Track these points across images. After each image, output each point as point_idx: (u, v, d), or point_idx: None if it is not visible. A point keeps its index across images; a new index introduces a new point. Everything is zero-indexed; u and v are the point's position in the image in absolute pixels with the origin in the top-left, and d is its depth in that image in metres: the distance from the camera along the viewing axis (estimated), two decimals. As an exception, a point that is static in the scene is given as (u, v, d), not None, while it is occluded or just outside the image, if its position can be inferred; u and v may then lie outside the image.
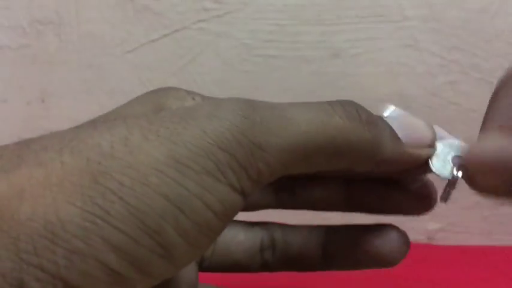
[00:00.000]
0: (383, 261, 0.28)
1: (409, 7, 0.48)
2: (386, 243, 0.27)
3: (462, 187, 0.25)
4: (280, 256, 0.30)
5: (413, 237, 0.26)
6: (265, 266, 0.30)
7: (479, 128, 0.25)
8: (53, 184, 0.18)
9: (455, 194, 0.25)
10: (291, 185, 0.29)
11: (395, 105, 0.51)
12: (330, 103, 0.23)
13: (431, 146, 0.25)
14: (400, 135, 0.25)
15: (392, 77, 0.50)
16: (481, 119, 0.26)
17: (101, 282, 0.18)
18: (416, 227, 0.51)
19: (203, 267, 0.29)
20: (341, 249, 0.28)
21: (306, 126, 0.21)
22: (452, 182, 0.24)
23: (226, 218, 0.20)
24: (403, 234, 0.28)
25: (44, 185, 0.18)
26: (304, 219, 0.30)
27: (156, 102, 0.24)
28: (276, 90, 0.50)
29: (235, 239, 0.30)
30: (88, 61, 0.51)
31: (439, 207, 0.26)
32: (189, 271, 0.27)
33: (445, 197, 0.24)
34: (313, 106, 0.22)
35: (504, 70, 0.25)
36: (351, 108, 0.23)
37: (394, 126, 0.25)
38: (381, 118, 0.24)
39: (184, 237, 0.19)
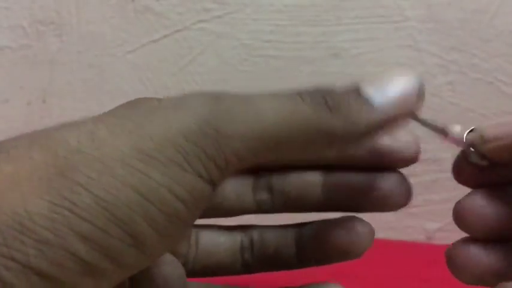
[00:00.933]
0: (349, 254, 0.28)
1: (408, 8, 0.48)
2: (351, 235, 0.28)
3: (461, 187, 0.25)
4: (258, 256, 0.30)
5: (412, 236, 0.26)
6: (246, 267, 0.30)
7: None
8: (22, 178, 0.18)
9: (454, 193, 0.25)
10: (268, 184, 0.29)
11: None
12: (298, 92, 0.23)
13: (415, 98, 0.26)
14: (378, 99, 0.24)
15: (392, 77, 0.50)
16: (480, 119, 0.26)
17: (72, 271, 0.18)
18: (415, 227, 0.51)
19: (186, 270, 0.29)
20: (311, 245, 0.29)
21: (272, 114, 0.21)
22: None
23: (195, 207, 0.21)
24: (366, 224, 0.28)
25: (13, 180, 0.18)
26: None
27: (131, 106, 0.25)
28: (276, 91, 0.50)
29: (216, 241, 0.30)
30: (89, 61, 0.51)
31: (438, 207, 0.26)
32: (176, 269, 0.27)
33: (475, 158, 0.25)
34: (281, 95, 0.23)
35: (503, 70, 0.25)
36: (318, 95, 0.23)
37: (372, 92, 0.24)
38: (349, 95, 0.24)
39: (153, 227, 0.19)
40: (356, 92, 0.24)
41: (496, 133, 0.23)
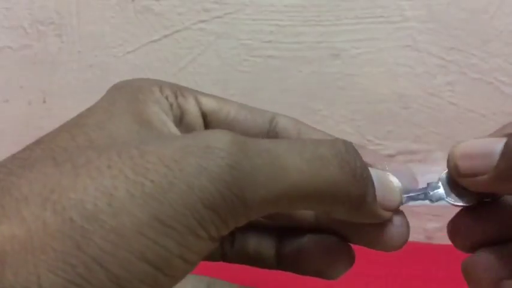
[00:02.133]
0: (324, 274, 0.28)
1: (408, 8, 0.48)
2: (328, 255, 0.28)
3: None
4: (238, 250, 0.29)
5: (412, 236, 0.26)
6: (224, 256, 0.30)
7: (477, 128, 0.26)
8: (35, 248, 0.18)
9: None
10: (232, 233, 0.29)
11: (395, 105, 0.52)
12: (330, 148, 0.22)
13: (397, 210, 0.25)
14: (377, 194, 0.24)
15: (392, 77, 0.50)
16: (479, 119, 0.26)
17: None
18: (415, 226, 0.51)
19: None
20: (289, 255, 0.28)
21: (297, 177, 0.21)
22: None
23: (199, 262, 0.21)
24: (346, 247, 0.28)
25: (26, 249, 0.18)
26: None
27: (136, 112, 0.24)
28: (275, 91, 0.50)
29: None
30: (89, 61, 0.51)
31: (438, 207, 0.26)
32: None
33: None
34: (310, 151, 0.22)
35: (503, 70, 0.25)
36: (350, 159, 0.22)
37: (375, 184, 0.24)
38: (370, 174, 0.24)
39: (160, 286, 0.19)
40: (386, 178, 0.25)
41: (470, 167, 0.23)
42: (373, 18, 0.49)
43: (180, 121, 0.26)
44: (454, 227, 0.26)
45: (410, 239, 0.28)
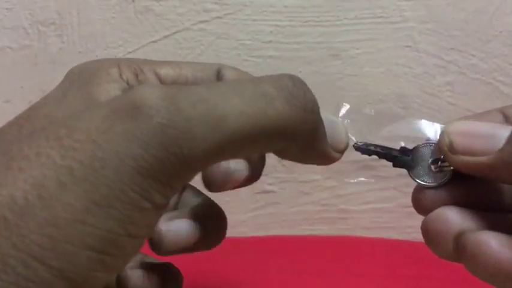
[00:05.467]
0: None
1: (407, 8, 0.49)
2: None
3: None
4: None
5: (412, 236, 0.27)
6: None
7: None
8: None
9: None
10: None
11: (394, 105, 0.52)
12: (274, 84, 0.20)
13: (343, 151, 0.24)
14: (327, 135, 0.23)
15: (391, 78, 0.50)
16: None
17: None
18: (414, 227, 0.51)
19: None
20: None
21: (239, 121, 0.19)
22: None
23: (151, 231, 0.20)
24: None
25: None
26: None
27: (86, 95, 0.23)
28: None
29: None
30: (89, 62, 0.51)
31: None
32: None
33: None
34: (250, 90, 0.20)
35: (502, 71, 0.25)
36: (299, 93, 0.20)
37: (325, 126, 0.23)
38: (319, 111, 0.22)
39: (110, 272, 0.19)
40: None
41: (468, 145, 0.23)
42: (373, 19, 0.49)
43: None
44: (418, 193, 0.25)
45: (410, 239, 0.28)
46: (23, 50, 0.51)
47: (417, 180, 0.25)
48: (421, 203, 0.25)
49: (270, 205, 0.54)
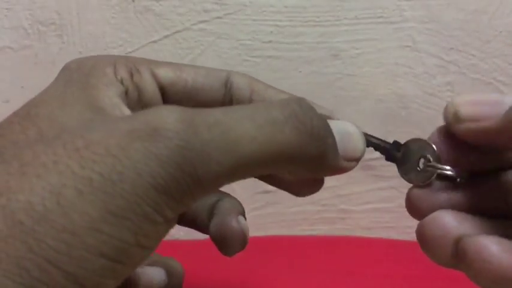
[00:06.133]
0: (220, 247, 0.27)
1: (408, 8, 0.49)
2: (225, 233, 0.27)
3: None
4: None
5: (412, 236, 0.26)
6: None
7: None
8: None
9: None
10: None
11: (394, 105, 0.52)
12: (283, 110, 0.21)
13: (359, 159, 0.25)
14: (338, 146, 0.23)
15: (391, 78, 0.50)
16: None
17: None
18: (414, 227, 0.51)
19: None
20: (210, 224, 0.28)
21: (250, 146, 0.20)
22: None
23: (159, 243, 0.20)
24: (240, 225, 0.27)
25: None
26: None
27: (89, 99, 0.23)
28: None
29: None
30: (89, 62, 0.51)
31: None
32: None
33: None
34: (262, 117, 0.21)
35: (502, 71, 0.25)
36: (306, 119, 0.21)
37: (336, 137, 0.23)
38: (329, 129, 0.23)
39: (118, 279, 0.19)
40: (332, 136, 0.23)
41: (473, 112, 0.23)
42: (373, 19, 0.49)
43: (138, 101, 0.26)
44: (412, 195, 0.25)
45: (410, 239, 0.28)
46: (23, 50, 0.51)
47: (404, 177, 0.25)
48: (415, 206, 0.25)
49: (269, 205, 0.54)
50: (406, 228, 0.51)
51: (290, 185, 0.28)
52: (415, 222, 0.25)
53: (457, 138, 0.24)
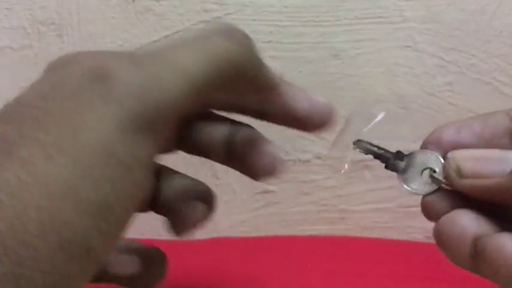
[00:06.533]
0: (253, 174, 0.26)
1: (408, 8, 0.49)
2: (261, 158, 0.26)
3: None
4: (192, 138, 0.27)
5: (412, 236, 0.27)
6: (179, 145, 0.28)
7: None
8: None
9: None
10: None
11: (394, 105, 0.52)
12: (209, 30, 0.23)
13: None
14: None
15: (391, 78, 0.50)
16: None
17: None
18: (414, 227, 0.51)
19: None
20: (239, 145, 0.27)
21: (196, 64, 0.21)
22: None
23: (142, 192, 0.21)
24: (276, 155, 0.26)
25: None
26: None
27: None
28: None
29: None
30: (89, 62, 0.51)
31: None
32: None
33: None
34: (197, 39, 0.22)
35: (502, 71, 0.25)
36: (236, 31, 0.24)
37: None
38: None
39: (105, 241, 0.19)
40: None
41: (477, 168, 0.23)
42: (373, 19, 0.49)
43: None
44: (429, 197, 0.25)
45: (410, 239, 0.28)
46: (23, 50, 0.51)
47: (404, 186, 0.25)
48: (431, 206, 0.24)
49: (270, 205, 0.54)
50: (406, 228, 0.51)
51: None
52: (415, 222, 0.25)
53: None
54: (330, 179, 0.52)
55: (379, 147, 0.26)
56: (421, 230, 0.51)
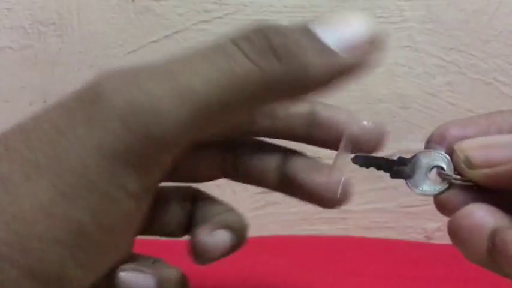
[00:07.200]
0: (320, 199, 0.26)
1: (407, 8, 0.49)
2: (323, 185, 0.25)
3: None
4: (242, 167, 0.26)
5: (412, 236, 0.27)
6: (227, 174, 0.27)
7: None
8: None
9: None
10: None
11: (394, 105, 0.52)
12: (233, 40, 0.18)
13: (371, 45, 0.21)
14: (331, 42, 0.20)
15: (391, 78, 0.50)
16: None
17: None
18: (414, 227, 0.51)
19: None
20: (291, 173, 0.26)
21: (205, 86, 0.17)
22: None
23: (134, 222, 0.19)
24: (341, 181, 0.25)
25: None
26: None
27: None
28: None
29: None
30: (89, 62, 0.51)
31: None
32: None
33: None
34: (210, 53, 0.18)
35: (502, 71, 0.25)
36: (260, 40, 0.18)
37: (325, 34, 0.20)
38: (300, 34, 0.19)
39: (87, 271, 0.18)
40: (308, 32, 0.19)
41: (487, 157, 0.21)
42: (373, 19, 0.49)
43: None
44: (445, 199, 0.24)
45: (410, 239, 0.28)
46: (23, 50, 0.51)
47: (416, 190, 0.24)
48: (447, 203, 0.23)
49: (270, 205, 0.54)
50: (406, 228, 0.51)
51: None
52: (415, 222, 0.25)
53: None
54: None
55: (378, 158, 0.26)
56: (421, 230, 0.51)
